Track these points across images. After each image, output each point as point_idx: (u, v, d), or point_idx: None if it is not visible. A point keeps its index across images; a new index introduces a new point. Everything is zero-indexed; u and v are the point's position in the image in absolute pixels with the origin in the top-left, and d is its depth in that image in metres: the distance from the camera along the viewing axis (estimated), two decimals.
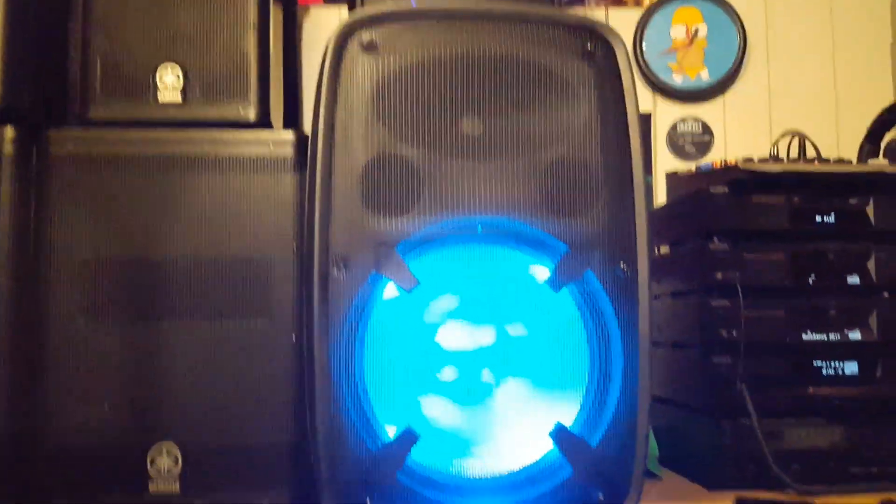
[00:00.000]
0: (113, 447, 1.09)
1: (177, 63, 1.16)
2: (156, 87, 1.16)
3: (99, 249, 1.11)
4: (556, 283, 1.01)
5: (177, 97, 1.15)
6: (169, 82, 1.15)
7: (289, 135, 1.14)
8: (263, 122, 1.17)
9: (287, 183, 1.13)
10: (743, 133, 1.95)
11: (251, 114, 1.16)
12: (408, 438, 0.98)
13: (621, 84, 1.04)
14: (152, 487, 1.10)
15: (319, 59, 1.02)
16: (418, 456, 0.99)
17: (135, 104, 1.16)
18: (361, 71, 1.01)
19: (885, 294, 1.32)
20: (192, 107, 1.16)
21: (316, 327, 0.98)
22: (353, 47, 1.01)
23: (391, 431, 0.99)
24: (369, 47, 1.01)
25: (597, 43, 1.04)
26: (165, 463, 1.10)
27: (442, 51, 1.01)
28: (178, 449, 1.10)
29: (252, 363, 1.11)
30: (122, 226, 1.11)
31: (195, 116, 1.15)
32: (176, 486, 1.10)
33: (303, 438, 1.06)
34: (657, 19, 1.96)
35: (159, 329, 1.11)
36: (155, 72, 1.16)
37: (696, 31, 1.95)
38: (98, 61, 1.16)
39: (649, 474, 1.30)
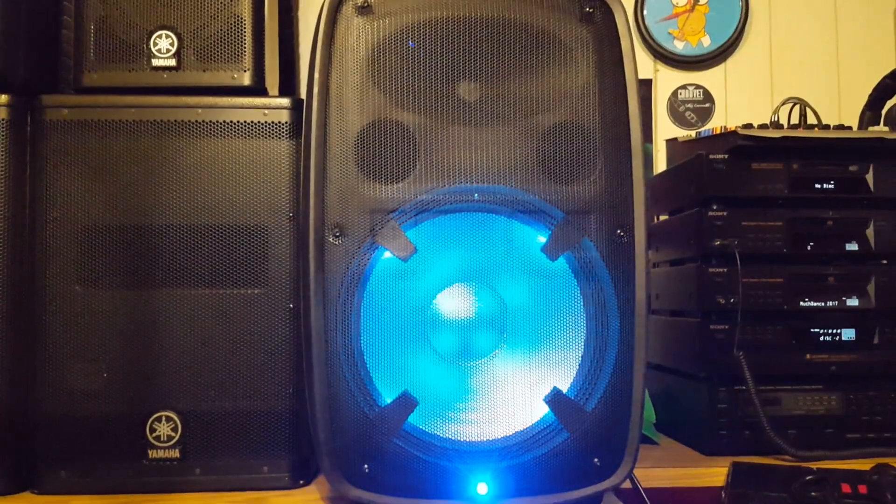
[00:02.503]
0: (112, 415, 1.10)
1: (171, 28, 1.14)
2: (150, 53, 1.14)
3: (95, 216, 1.11)
4: (552, 250, 1.01)
5: (171, 62, 1.14)
6: (163, 47, 1.14)
7: (284, 101, 1.13)
8: (258, 87, 1.16)
9: (282, 149, 1.12)
10: (744, 100, 1.93)
11: (246, 79, 1.15)
12: (405, 404, 0.98)
13: (620, 47, 1.02)
14: (152, 454, 1.11)
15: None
16: (416, 421, 1.00)
17: (129, 70, 1.15)
18: (356, 35, 1.00)
19: (884, 261, 1.32)
20: (187, 72, 1.14)
21: (312, 295, 0.98)
22: (348, 10, 1.00)
23: (388, 398, 0.99)
24: (364, 10, 1.00)
25: (595, 5, 1.03)
26: (165, 430, 1.10)
27: (437, 13, 1.00)
28: (177, 416, 1.10)
29: (249, 331, 1.11)
30: (117, 192, 1.11)
31: (189, 82, 1.14)
32: (175, 453, 1.11)
33: (301, 405, 1.07)
34: None
35: (157, 297, 1.11)
36: (149, 37, 1.14)
37: None
38: (92, 27, 1.15)
39: (646, 440, 1.31)
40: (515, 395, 1.01)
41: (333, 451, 0.98)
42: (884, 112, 1.55)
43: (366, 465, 0.99)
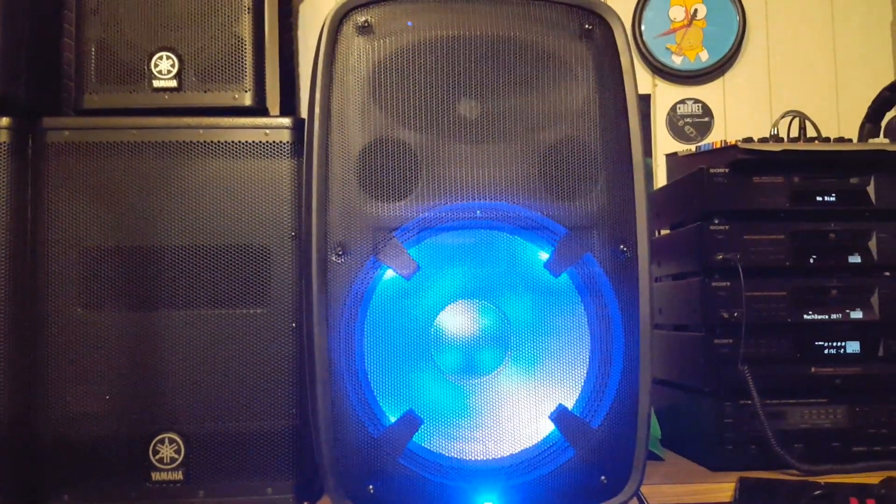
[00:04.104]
0: (114, 437, 1.10)
1: (172, 50, 1.15)
2: (151, 74, 1.15)
3: (97, 237, 1.11)
4: (555, 266, 1.01)
5: (172, 83, 1.15)
6: (164, 69, 1.15)
7: (285, 120, 1.14)
8: (259, 107, 1.16)
9: (284, 169, 1.13)
10: (743, 114, 1.94)
11: (247, 99, 1.15)
12: (409, 423, 0.98)
13: (620, 64, 1.03)
14: (155, 476, 1.10)
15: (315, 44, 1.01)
16: (420, 440, 0.99)
17: (130, 91, 1.15)
18: (357, 54, 1.00)
19: (887, 273, 1.31)
20: (188, 93, 1.15)
21: (315, 314, 0.97)
22: (349, 30, 1.00)
23: (392, 417, 0.98)
24: (364, 29, 1.00)
25: (594, 22, 1.03)
26: (168, 452, 1.10)
27: (438, 32, 1.01)
28: (180, 438, 1.10)
29: (252, 351, 1.11)
30: (119, 213, 1.11)
31: (191, 103, 1.15)
32: (179, 475, 1.10)
33: (305, 425, 1.07)
34: (656, 1, 1.94)
35: (158, 318, 1.11)
36: (150, 59, 1.15)
37: (696, 12, 1.94)
38: (93, 49, 1.16)
39: (652, 456, 1.30)
40: (521, 412, 1.01)
41: (338, 472, 0.98)
42: (883, 124, 1.55)
43: (370, 486, 0.98)
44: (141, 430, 1.10)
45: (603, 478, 1.00)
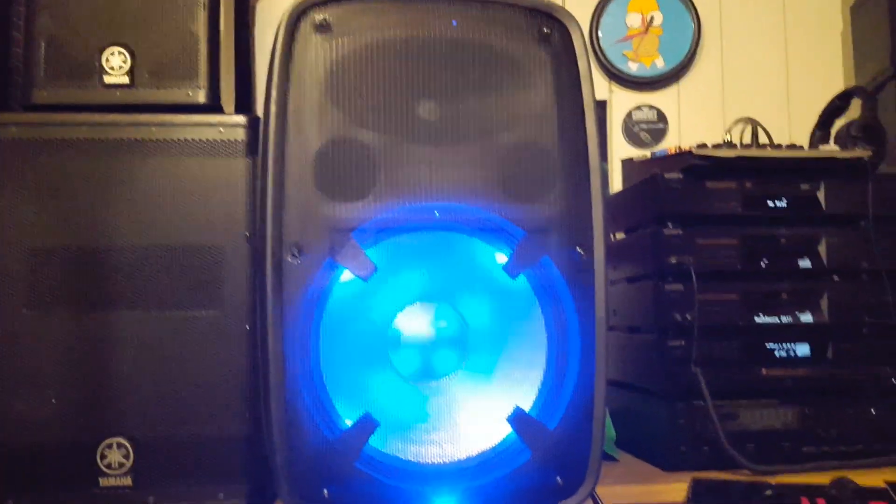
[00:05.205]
0: (62, 442, 1.07)
1: (124, 45, 1.13)
2: (102, 70, 1.12)
3: (43, 236, 1.08)
4: (513, 268, 1.01)
5: (124, 79, 1.12)
6: (116, 64, 1.12)
7: (240, 118, 1.12)
8: (213, 105, 1.14)
9: (239, 168, 1.11)
10: (697, 120, 1.97)
11: (200, 96, 1.13)
12: (366, 426, 0.97)
13: (577, 68, 1.03)
14: (103, 482, 1.07)
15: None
16: (376, 443, 0.98)
17: (80, 87, 1.12)
18: (314, 52, 0.99)
19: (836, 277, 1.34)
20: (140, 90, 1.13)
21: (270, 316, 0.96)
22: (306, 28, 0.99)
23: (348, 420, 0.97)
24: (322, 28, 0.99)
25: (553, 26, 1.04)
26: (116, 457, 1.07)
27: (396, 32, 1.00)
28: (128, 442, 1.08)
29: (204, 354, 1.09)
30: (68, 212, 1.08)
31: (143, 99, 1.12)
32: (128, 480, 1.08)
33: (258, 430, 1.05)
34: (613, 7, 1.97)
35: (107, 320, 1.08)
36: (101, 54, 1.12)
37: (652, 19, 1.97)
38: (42, 44, 1.13)
39: (607, 457, 1.31)
40: (478, 414, 1.01)
41: (292, 476, 0.96)
42: (833, 131, 1.59)
43: (325, 490, 0.97)
44: (88, 435, 1.07)
45: (559, 479, 1.00)
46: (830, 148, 1.42)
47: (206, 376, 1.09)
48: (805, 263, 1.34)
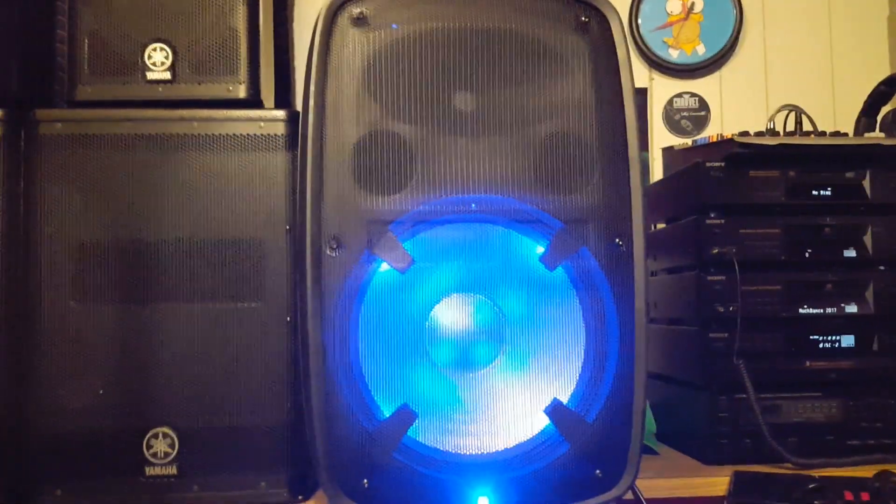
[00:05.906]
0: (108, 432, 1.09)
1: (165, 41, 1.14)
2: (145, 66, 1.14)
3: (90, 231, 1.10)
4: (550, 260, 1.00)
5: (166, 75, 1.14)
6: (158, 60, 1.14)
7: (280, 113, 1.13)
8: (254, 100, 1.15)
9: (279, 162, 1.12)
10: (739, 108, 1.94)
11: (241, 91, 1.14)
12: (404, 417, 0.98)
13: (616, 56, 1.02)
14: (149, 471, 1.09)
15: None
16: (415, 434, 0.99)
17: (123, 83, 1.14)
18: (352, 46, 1.00)
19: (882, 267, 1.32)
20: (182, 85, 1.14)
21: (310, 308, 0.97)
22: (344, 22, 1.00)
23: (387, 411, 0.98)
24: (359, 21, 1.00)
25: (591, 14, 1.03)
26: (162, 447, 1.09)
27: (433, 24, 1.00)
28: (173, 432, 1.09)
29: (246, 345, 1.10)
30: (112, 207, 1.10)
31: (184, 95, 1.14)
32: (173, 469, 1.10)
33: (299, 419, 1.06)
34: None
35: (152, 312, 1.10)
36: (143, 50, 1.14)
37: (692, 6, 1.93)
38: (86, 41, 1.15)
39: (647, 450, 1.30)
40: (515, 406, 1.01)
41: (332, 466, 0.97)
42: (879, 118, 1.55)
43: (365, 480, 0.98)
44: (134, 425, 1.09)
45: (598, 472, 1.00)
46: (876, 135, 1.39)
47: (248, 368, 1.10)
48: (850, 253, 1.31)
